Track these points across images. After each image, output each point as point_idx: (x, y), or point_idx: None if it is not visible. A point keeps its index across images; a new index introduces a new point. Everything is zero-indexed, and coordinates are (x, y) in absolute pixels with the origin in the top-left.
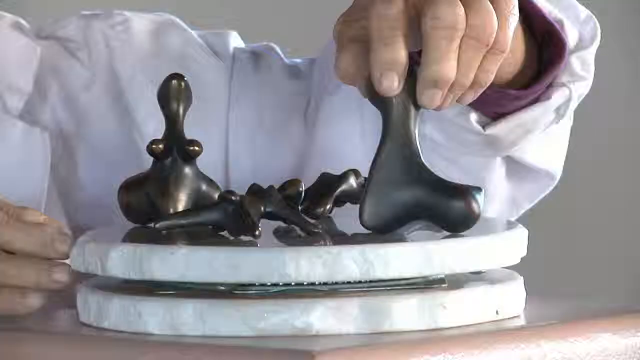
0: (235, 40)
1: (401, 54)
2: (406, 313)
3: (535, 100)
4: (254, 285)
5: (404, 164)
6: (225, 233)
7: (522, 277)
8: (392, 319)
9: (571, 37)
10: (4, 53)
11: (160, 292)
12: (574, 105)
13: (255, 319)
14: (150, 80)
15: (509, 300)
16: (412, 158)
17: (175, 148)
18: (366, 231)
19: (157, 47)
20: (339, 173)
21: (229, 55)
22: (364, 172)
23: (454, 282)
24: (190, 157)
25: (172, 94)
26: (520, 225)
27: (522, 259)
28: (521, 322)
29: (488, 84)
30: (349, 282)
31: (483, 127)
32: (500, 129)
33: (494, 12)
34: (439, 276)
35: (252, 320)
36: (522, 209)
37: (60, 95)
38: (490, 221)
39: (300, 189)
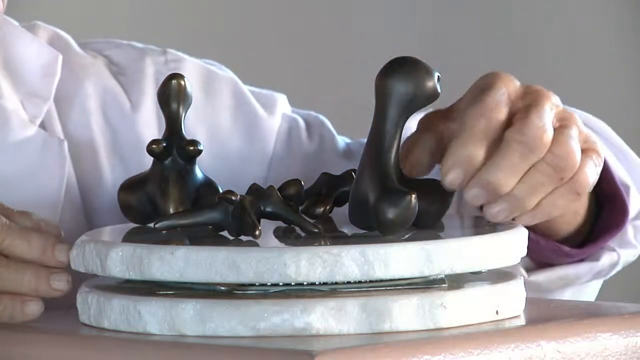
0: (283, 104)
1: (480, 154)
2: (406, 313)
3: (583, 258)
4: (254, 285)
5: (375, 165)
6: (225, 233)
7: (522, 277)
8: (392, 319)
9: (634, 204)
10: (27, 61)
11: (160, 292)
12: (616, 270)
13: (255, 319)
14: (200, 121)
15: (509, 300)
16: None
17: (175, 148)
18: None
19: (206, 93)
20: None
21: (277, 117)
22: None
23: (454, 282)
24: (190, 157)
25: (172, 94)
26: (521, 225)
27: (522, 259)
28: (521, 322)
29: (550, 216)
30: (349, 282)
31: (527, 272)
32: (543, 278)
33: (579, 150)
34: (439, 276)
35: (252, 320)
36: None
37: (92, 109)
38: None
39: (300, 189)
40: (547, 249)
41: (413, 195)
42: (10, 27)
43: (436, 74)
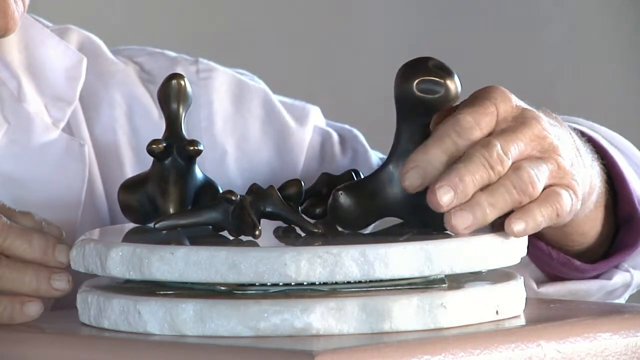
0: (316, 116)
1: (441, 160)
2: (406, 313)
3: (596, 275)
4: (254, 285)
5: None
6: (225, 233)
7: (522, 277)
8: (392, 319)
9: None
10: (52, 64)
11: (160, 292)
12: (631, 291)
13: (255, 319)
14: (229, 132)
15: (509, 300)
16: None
17: (175, 148)
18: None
19: (237, 103)
20: None
21: (309, 129)
22: None
23: (454, 282)
24: (190, 157)
25: (172, 94)
26: None
27: (522, 259)
28: (521, 322)
29: (535, 231)
30: (349, 282)
31: (537, 284)
32: (552, 291)
33: (537, 181)
34: (439, 276)
35: (252, 320)
36: None
37: (119, 115)
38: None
39: (300, 189)
40: (559, 261)
41: (337, 193)
42: (37, 29)
43: (453, 76)
